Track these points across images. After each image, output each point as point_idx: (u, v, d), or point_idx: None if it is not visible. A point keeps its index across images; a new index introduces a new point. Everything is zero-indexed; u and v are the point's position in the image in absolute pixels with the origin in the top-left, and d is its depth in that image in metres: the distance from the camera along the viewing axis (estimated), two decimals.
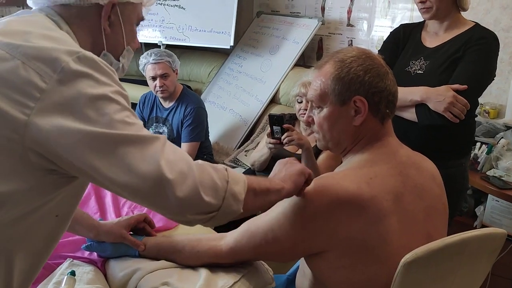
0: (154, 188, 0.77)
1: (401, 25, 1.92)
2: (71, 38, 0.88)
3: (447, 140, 1.73)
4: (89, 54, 0.80)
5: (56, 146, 0.76)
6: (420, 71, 1.73)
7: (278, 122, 1.95)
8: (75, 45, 0.85)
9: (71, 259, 1.33)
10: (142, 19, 1.00)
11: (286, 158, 1.07)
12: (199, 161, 0.86)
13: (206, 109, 2.89)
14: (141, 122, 0.82)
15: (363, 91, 1.06)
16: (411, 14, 2.92)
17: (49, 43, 0.79)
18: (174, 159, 0.79)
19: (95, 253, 1.35)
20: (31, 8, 0.95)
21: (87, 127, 0.75)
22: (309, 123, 1.17)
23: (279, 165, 1.06)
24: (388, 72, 1.09)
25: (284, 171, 1.01)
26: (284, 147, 2.11)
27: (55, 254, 1.35)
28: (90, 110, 0.75)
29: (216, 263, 1.18)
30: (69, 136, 0.75)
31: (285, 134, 1.94)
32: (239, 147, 3.19)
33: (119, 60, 0.99)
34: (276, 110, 3.21)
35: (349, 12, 3.30)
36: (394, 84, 1.11)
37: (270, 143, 2.01)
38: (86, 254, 1.36)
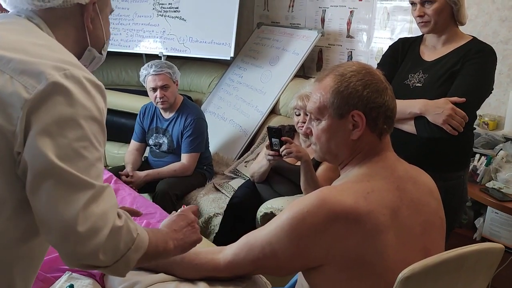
0: (61, 233, 0.79)
1: (400, 39, 1.94)
2: (59, 44, 0.90)
3: (446, 153, 1.74)
4: (77, 73, 0.82)
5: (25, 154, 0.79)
6: (418, 84, 1.75)
7: (277, 134, 1.99)
8: (64, 53, 0.88)
9: (70, 272, 1.33)
10: (112, 10, 1.06)
11: (189, 213, 1.11)
12: (122, 217, 0.87)
13: (207, 120, 2.90)
14: (99, 155, 0.84)
15: (361, 106, 1.07)
16: (410, 26, 2.94)
17: (39, 56, 0.82)
18: (97, 212, 0.81)
19: None
20: (7, 11, 0.97)
21: (41, 143, 0.77)
22: (308, 134, 1.18)
23: (179, 221, 1.08)
24: (387, 88, 1.10)
25: (182, 235, 1.05)
26: (283, 159, 2.15)
27: (54, 267, 1.35)
28: (55, 127, 0.78)
29: (215, 277, 1.18)
30: (31, 147, 0.78)
31: (284, 147, 1.97)
32: (239, 158, 3.19)
33: (101, 53, 1.04)
34: (276, 121, 3.22)
35: (349, 23, 3.33)
36: (393, 100, 1.12)
37: (269, 155, 2.04)
38: None
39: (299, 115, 2.26)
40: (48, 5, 0.92)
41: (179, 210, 1.15)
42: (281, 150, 1.97)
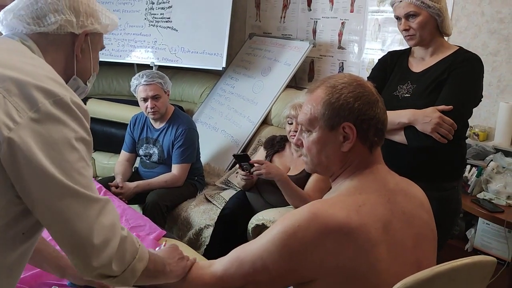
0: (78, 247, 0.86)
1: (389, 52, 1.97)
2: (48, 65, 0.94)
3: (439, 163, 1.75)
4: (66, 98, 0.87)
5: (20, 170, 0.82)
6: (407, 95, 1.77)
7: (244, 159, 2.15)
8: (53, 74, 0.91)
9: (56, 287, 1.30)
10: (104, 47, 1.12)
11: (177, 248, 1.17)
12: (125, 229, 0.94)
13: (198, 130, 2.89)
14: (91, 172, 0.91)
15: (352, 118, 1.06)
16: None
17: (30, 74, 0.86)
18: (107, 224, 0.88)
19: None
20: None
21: (49, 168, 0.82)
22: (299, 145, 1.18)
23: (171, 253, 1.13)
24: (378, 100, 1.10)
25: (175, 263, 1.11)
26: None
27: (39, 281, 1.32)
28: (55, 152, 0.83)
29: None
30: (31, 167, 0.82)
31: (254, 168, 2.11)
32: (230, 169, 3.17)
33: (86, 84, 1.08)
34: (267, 131, 3.22)
35: (340, 35, 3.35)
36: (384, 113, 1.11)
37: (242, 175, 2.20)
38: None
39: (291, 123, 2.28)
40: (42, 30, 0.96)
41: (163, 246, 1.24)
42: (252, 170, 2.11)
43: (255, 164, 2.14)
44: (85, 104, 3.68)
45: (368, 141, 1.09)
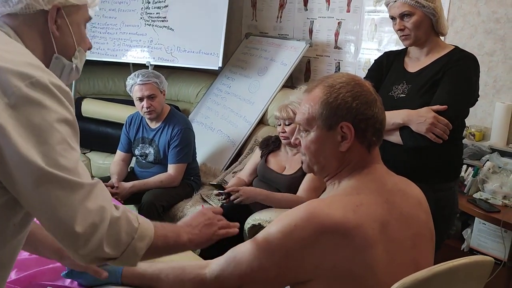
0: (64, 234, 0.84)
1: (385, 52, 1.97)
2: (26, 49, 0.90)
3: (435, 164, 1.74)
4: (43, 79, 0.82)
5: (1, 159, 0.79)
6: (402, 95, 1.77)
7: (219, 188, 2.31)
8: (31, 57, 0.88)
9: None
10: (89, 19, 1.04)
11: (208, 211, 1.15)
12: (120, 209, 0.91)
13: (194, 130, 2.87)
14: (77, 155, 0.87)
15: (350, 118, 1.06)
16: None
17: (4, 60, 0.82)
18: (93, 208, 0.84)
19: (76, 282, 1.31)
20: None
21: (28, 153, 0.79)
22: (296, 145, 1.17)
23: (197, 217, 1.12)
24: (376, 99, 1.10)
25: (198, 230, 1.09)
26: (270, 167, 2.39)
27: (34, 282, 1.31)
28: (35, 136, 0.80)
29: None
30: (11, 154, 0.79)
31: (232, 197, 2.21)
32: (226, 169, 3.16)
33: (71, 61, 1.01)
34: (264, 131, 3.21)
35: (337, 34, 3.35)
36: (382, 112, 1.11)
37: (222, 200, 2.28)
38: (67, 283, 1.32)
39: (280, 125, 2.29)
40: (10, 10, 0.92)
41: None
42: (231, 199, 2.20)
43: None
44: (81, 104, 3.69)
45: (366, 141, 1.08)
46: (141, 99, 2.67)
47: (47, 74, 0.84)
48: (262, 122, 3.32)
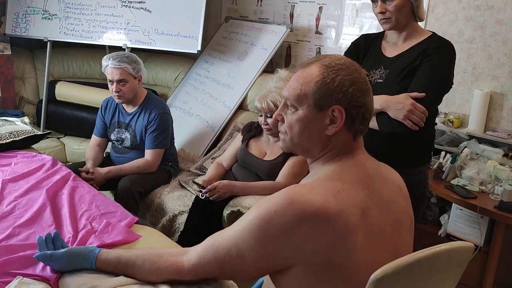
0: None
1: (362, 35, 1.95)
2: None
3: (408, 148, 1.75)
4: None
5: None
6: (380, 80, 1.76)
7: (199, 186, 2.29)
8: None
9: (21, 277, 1.24)
10: None
11: None
12: None
13: (172, 115, 2.81)
14: None
15: (344, 102, 1.03)
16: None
17: None
18: None
19: (47, 270, 1.27)
20: None
21: None
22: (277, 122, 1.12)
23: None
24: (369, 89, 1.07)
25: None
26: (250, 152, 2.37)
27: (3, 271, 1.25)
28: None
29: (178, 280, 1.12)
30: None
31: (210, 194, 2.21)
32: (205, 154, 3.12)
33: None
34: (243, 116, 3.17)
35: (318, 19, 3.31)
36: (372, 103, 1.09)
37: (201, 197, 2.25)
38: (38, 271, 1.27)
39: (261, 116, 2.26)
40: None
41: None
42: (209, 197, 2.20)
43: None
44: (54, 87, 3.58)
45: (353, 128, 1.06)
46: (111, 82, 2.60)
47: None
48: (241, 107, 3.28)
